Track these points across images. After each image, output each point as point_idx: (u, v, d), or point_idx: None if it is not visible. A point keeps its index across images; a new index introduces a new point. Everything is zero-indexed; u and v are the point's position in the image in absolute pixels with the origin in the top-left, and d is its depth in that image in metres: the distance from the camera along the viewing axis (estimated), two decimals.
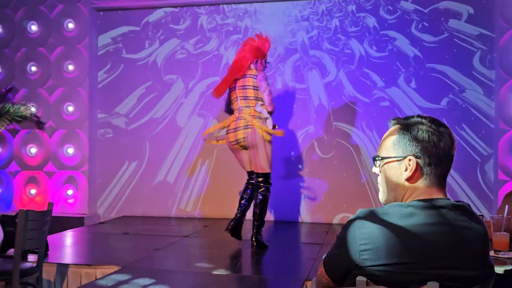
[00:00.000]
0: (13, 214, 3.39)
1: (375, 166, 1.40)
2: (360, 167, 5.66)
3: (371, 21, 5.72)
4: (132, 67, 6.23)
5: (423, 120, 1.32)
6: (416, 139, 1.30)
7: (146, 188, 6.17)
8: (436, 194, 1.30)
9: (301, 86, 5.88)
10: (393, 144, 1.34)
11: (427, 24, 5.57)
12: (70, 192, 6.16)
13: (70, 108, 6.19)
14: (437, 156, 1.29)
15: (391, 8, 5.68)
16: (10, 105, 5.90)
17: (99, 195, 6.29)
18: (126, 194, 6.22)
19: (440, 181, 1.31)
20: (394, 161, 1.33)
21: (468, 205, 1.32)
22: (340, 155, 5.72)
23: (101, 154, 6.29)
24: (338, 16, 5.82)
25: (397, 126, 1.37)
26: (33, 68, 6.29)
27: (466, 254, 1.22)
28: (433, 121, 1.32)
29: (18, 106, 5.93)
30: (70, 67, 6.19)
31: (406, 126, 1.33)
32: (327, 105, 5.80)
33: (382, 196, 1.41)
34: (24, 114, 5.89)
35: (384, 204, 1.37)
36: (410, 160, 1.30)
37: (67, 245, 4.52)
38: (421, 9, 5.60)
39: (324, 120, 5.79)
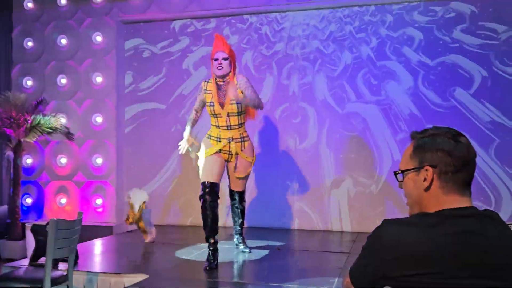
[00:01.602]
0: (44, 223, 3.47)
1: (397, 180, 1.42)
2: (386, 175, 5.60)
3: (386, 28, 5.70)
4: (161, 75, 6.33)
5: (439, 131, 1.35)
6: (431, 149, 1.32)
7: (174, 197, 6.23)
8: (460, 202, 1.30)
9: (316, 87, 5.88)
10: (410, 157, 1.37)
11: (442, 25, 5.52)
12: (98, 201, 6.27)
13: (98, 119, 6.32)
14: (453, 164, 1.29)
15: (407, 17, 5.64)
16: (41, 117, 6.06)
17: (126, 204, 6.36)
18: (154, 203, 6.29)
19: (462, 189, 1.31)
20: (413, 172, 1.35)
21: (497, 214, 1.31)
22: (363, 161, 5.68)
23: (129, 163, 6.39)
24: (355, 24, 5.81)
25: (414, 139, 1.40)
26: (63, 81, 6.46)
27: (496, 264, 1.20)
28: (449, 131, 1.34)
29: (49, 117, 6.08)
30: (98, 79, 6.33)
31: (422, 137, 1.36)
32: (342, 101, 5.79)
33: (409, 211, 1.42)
34: (54, 125, 6.04)
35: (410, 215, 1.38)
36: (427, 169, 1.32)
37: (96, 253, 4.59)
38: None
39: (337, 125, 5.79)
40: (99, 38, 6.34)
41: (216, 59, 4.00)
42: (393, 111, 5.63)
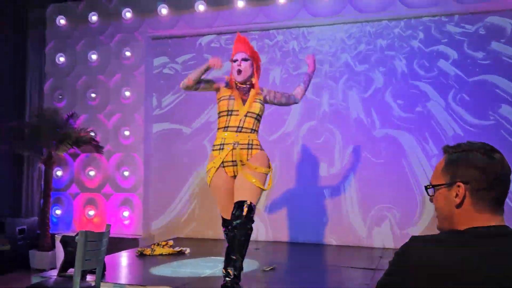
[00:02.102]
0: (73, 234, 3.53)
1: (428, 195, 1.40)
2: (415, 188, 5.51)
3: (418, 42, 5.64)
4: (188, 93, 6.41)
5: (472, 146, 1.32)
6: (464, 165, 1.29)
7: (198, 210, 6.27)
8: (492, 221, 1.26)
9: (345, 104, 5.85)
10: (442, 171, 1.35)
11: (475, 41, 5.44)
12: (126, 213, 6.35)
13: (127, 133, 6.43)
14: (487, 181, 1.26)
15: (443, 29, 5.59)
16: (71, 130, 6.21)
17: (153, 216, 6.44)
18: (179, 216, 6.34)
19: (495, 207, 1.28)
20: (444, 188, 1.33)
21: None
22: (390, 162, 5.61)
23: (156, 177, 6.47)
24: (384, 38, 5.78)
25: (446, 153, 1.37)
26: (93, 95, 6.61)
27: None
28: (483, 146, 1.31)
29: (79, 131, 6.23)
30: (127, 93, 6.45)
31: (455, 153, 1.33)
32: (370, 120, 5.74)
33: (438, 224, 1.40)
34: (84, 138, 6.19)
35: (439, 231, 1.36)
36: (459, 185, 1.29)
37: (123, 265, 4.64)
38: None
39: (369, 135, 5.73)
40: (128, 54, 6.48)
41: (235, 61, 3.60)
42: (428, 130, 5.54)
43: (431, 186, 1.38)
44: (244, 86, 3.60)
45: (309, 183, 5.88)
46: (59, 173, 6.62)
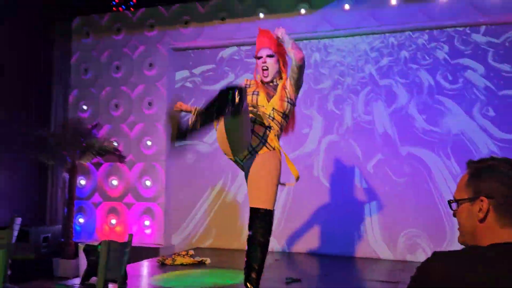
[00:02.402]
0: (96, 244, 3.59)
1: (451, 209, 1.39)
2: (436, 194, 5.44)
3: (442, 54, 5.60)
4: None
5: (496, 162, 1.31)
6: (488, 179, 1.29)
7: (220, 219, 6.29)
8: None
9: (368, 118, 5.82)
10: (466, 186, 1.34)
11: (502, 52, 5.37)
12: (147, 222, 6.42)
13: (149, 143, 6.52)
14: (511, 196, 1.25)
15: (466, 40, 5.53)
16: (95, 140, 6.34)
17: (174, 226, 6.49)
18: (200, 225, 6.37)
19: None
20: (468, 202, 1.32)
21: None
22: (415, 186, 5.54)
23: (177, 187, 6.53)
24: (408, 49, 5.75)
25: (470, 168, 1.37)
26: (116, 106, 6.73)
27: None
28: (507, 161, 1.31)
29: (102, 141, 6.35)
30: (150, 104, 6.55)
31: (479, 167, 1.33)
32: (394, 134, 5.69)
33: (460, 238, 1.38)
34: (107, 148, 6.30)
35: (461, 243, 1.36)
36: (482, 200, 1.28)
37: (143, 274, 4.68)
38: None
39: (393, 149, 5.68)
40: (151, 65, 6.59)
41: (259, 57, 3.27)
42: (453, 145, 5.47)
43: (454, 201, 1.37)
44: (272, 84, 3.30)
45: (331, 197, 5.86)
46: (83, 182, 6.73)
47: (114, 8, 6.80)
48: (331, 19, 5.96)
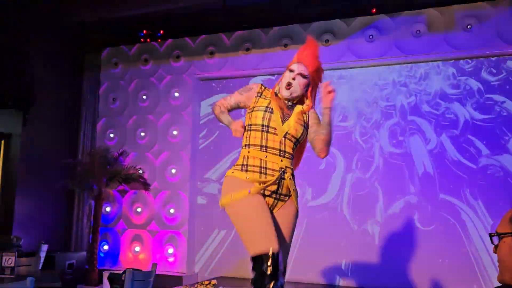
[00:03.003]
0: (120, 272, 3.62)
1: (492, 243, 1.35)
2: (466, 242, 5.30)
3: (474, 84, 5.55)
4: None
5: None
6: None
7: (244, 248, 6.25)
8: None
9: (398, 151, 5.76)
10: (510, 220, 1.31)
11: None
12: (170, 250, 6.43)
13: (173, 171, 6.59)
14: None
15: (495, 71, 5.49)
16: (121, 167, 6.44)
17: (197, 254, 6.48)
18: (224, 254, 6.35)
19: None
20: (510, 237, 1.29)
21: None
22: (442, 229, 5.42)
23: (201, 214, 6.55)
24: (437, 79, 5.73)
25: None
26: (142, 134, 6.85)
27: None
28: None
29: (128, 168, 6.45)
30: (175, 133, 6.65)
31: None
32: (432, 173, 5.57)
33: (498, 276, 1.34)
34: (132, 176, 6.39)
35: (500, 281, 1.32)
36: None
37: None
38: None
39: (427, 190, 5.55)
40: (177, 94, 6.72)
41: (291, 70, 2.71)
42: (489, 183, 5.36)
43: (496, 234, 1.34)
44: (288, 102, 2.71)
45: (354, 235, 5.79)
46: (108, 209, 6.82)
47: (142, 39, 6.99)
48: (354, 49, 6.00)
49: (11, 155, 6.31)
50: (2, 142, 6.36)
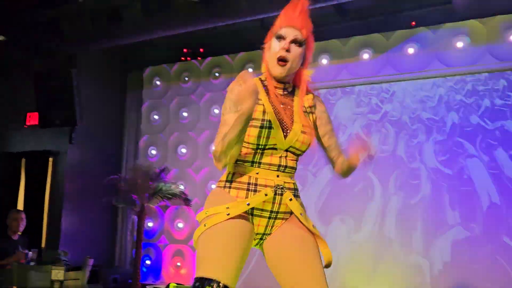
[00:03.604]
0: (162, 286, 3.67)
1: None
2: None
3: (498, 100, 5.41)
4: None
5: None
6: None
7: None
8: None
9: (449, 172, 5.59)
10: None
11: None
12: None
13: (213, 186, 6.64)
14: None
15: None
16: (162, 183, 6.56)
17: None
18: (259, 270, 6.32)
19: None
20: None
21: None
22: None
23: None
24: (484, 92, 5.58)
25: None
26: (183, 150, 6.98)
27: None
28: None
29: (169, 184, 6.56)
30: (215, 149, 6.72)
31: None
32: (498, 202, 5.26)
33: None
34: (174, 192, 6.49)
35: None
36: None
37: None
38: None
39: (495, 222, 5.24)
40: (216, 111, 6.82)
41: (279, 37, 2.01)
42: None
43: None
44: (283, 87, 2.06)
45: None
46: (150, 224, 6.94)
47: (182, 58, 7.15)
48: (395, 62, 5.95)
49: (58, 172, 6.54)
50: (50, 159, 6.61)
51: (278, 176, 1.98)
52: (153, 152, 7.20)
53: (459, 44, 5.66)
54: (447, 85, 5.76)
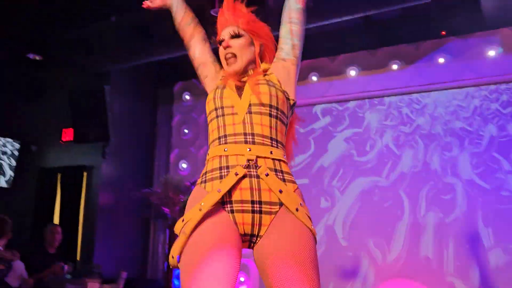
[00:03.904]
0: None
1: None
2: None
3: None
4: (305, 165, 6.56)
5: None
6: None
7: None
8: None
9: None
10: None
11: None
12: (242, 279, 6.48)
13: None
14: None
15: None
16: None
17: None
18: None
19: None
20: None
21: None
22: None
23: None
24: (505, 101, 5.46)
25: None
26: None
27: None
28: None
29: None
30: None
31: None
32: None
33: None
34: None
35: None
36: None
37: None
38: None
39: (493, 206, 5.24)
40: None
41: (220, 42, 1.98)
42: None
43: None
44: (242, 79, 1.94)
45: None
46: None
47: None
48: (424, 73, 5.88)
49: (92, 186, 6.71)
50: (85, 174, 6.78)
51: (249, 149, 1.72)
52: (184, 165, 7.30)
53: (491, 53, 5.57)
54: (479, 94, 5.66)
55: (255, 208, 1.66)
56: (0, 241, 4.40)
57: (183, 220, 1.68)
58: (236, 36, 1.95)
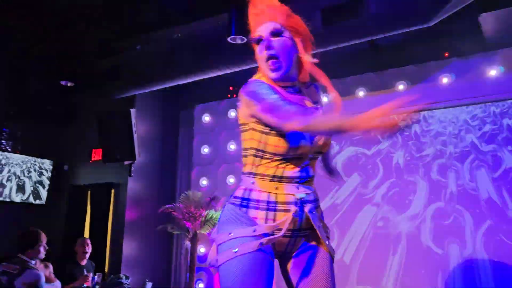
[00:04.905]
0: None
1: None
2: None
3: None
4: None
5: None
6: None
7: None
8: None
9: (471, 184, 5.76)
10: None
11: None
12: None
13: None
14: None
15: None
16: (213, 211, 7.03)
17: None
18: None
19: None
20: None
21: None
22: None
23: None
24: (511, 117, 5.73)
25: None
26: (231, 180, 7.46)
27: None
28: None
29: (219, 212, 6.99)
30: None
31: None
32: (505, 201, 5.52)
33: None
34: None
35: None
36: None
37: None
38: None
39: (502, 216, 5.46)
40: None
41: (258, 41, 1.86)
42: None
43: None
44: (287, 86, 1.89)
45: (439, 264, 5.81)
46: (202, 250, 7.40)
47: (229, 95, 7.71)
48: (430, 91, 6.17)
49: (119, 202, 7.20)
50: (112, 191, 7.28)
51: (298, 188, 1.80)
52: (204, 182, 7.72)
53: (493, 73, 5.84)
54: (480, 113, 5.92)
55: (294, 235, 1.85)
56: (33, 251, 4.59)
57: (230, 234, 1.78)
58: (277, 33, 1.81)
